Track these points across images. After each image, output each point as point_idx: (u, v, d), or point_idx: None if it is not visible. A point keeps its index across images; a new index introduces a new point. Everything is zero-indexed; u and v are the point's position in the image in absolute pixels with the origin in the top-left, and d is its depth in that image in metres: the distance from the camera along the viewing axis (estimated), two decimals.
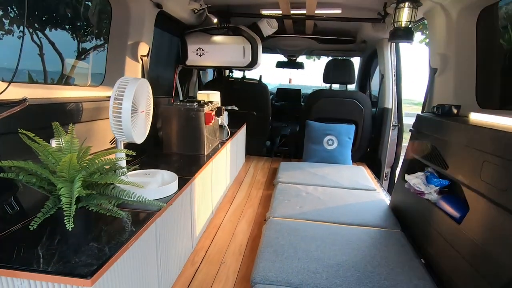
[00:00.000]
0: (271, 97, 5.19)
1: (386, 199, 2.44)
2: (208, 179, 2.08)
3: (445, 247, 1.53)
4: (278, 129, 4.21)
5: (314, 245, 1.69)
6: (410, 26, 2.22)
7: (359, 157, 3.60)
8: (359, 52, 4.35)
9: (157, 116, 2.22)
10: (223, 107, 2.45)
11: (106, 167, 1.14)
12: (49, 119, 1.34)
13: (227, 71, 4.54)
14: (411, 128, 2.12)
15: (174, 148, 2.19)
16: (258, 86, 3.61)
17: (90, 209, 0.94)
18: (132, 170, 1.55)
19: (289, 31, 3.86)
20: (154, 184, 1.47)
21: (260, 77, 3.61)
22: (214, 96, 2.70)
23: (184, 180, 1.65)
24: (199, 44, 3.05)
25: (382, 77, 3.46)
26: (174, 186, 1.49)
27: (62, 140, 0.98)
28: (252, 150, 3.77)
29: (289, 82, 5.31)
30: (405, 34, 2.23)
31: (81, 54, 3.07)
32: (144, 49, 2.27)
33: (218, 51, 3.07)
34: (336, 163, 3.22)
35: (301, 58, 5.29)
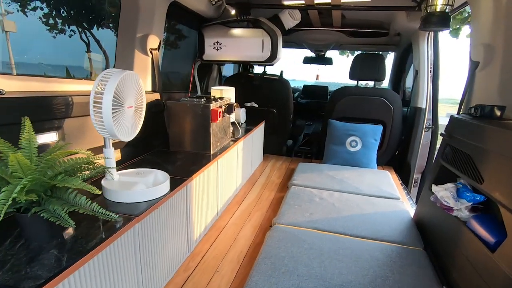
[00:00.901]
0: (296, 94, 4.99)
1: (410, 210, 2.18)
2: (213, 179, 1.97)
3: (472, 276, 1.29)
4: (301, 128, 4.00)
5: (318, 260, 1.51)
6: (447, 10, 1.92)
7: (386, 161, 3.31)
8: (394, 46, 4.01)
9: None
10: (236, 104, 2.32)
11: (80, 166, 1.05)
12: (35, 113, 1.29)
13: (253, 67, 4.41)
14: (443, 132, 1.85)
15: (180, 146, 2.10)
16: (279, 82, 3.43)
17: (41, 215, 0.85)
18: (122, 169, 1.47)
19: (315, 24, 3.63)
20: (142, 185, 1.37)
21: (281, 72, 3.43)
22: (228, 92, 2.57)
23: (179, 181, 1.54)
24: (216, 37, 2.94)
25: (416, 73, 3.14)
26: (163, 187, 1.38)
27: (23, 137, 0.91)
28: (271, 149, 3.61)
29: (316, 79, 5.06)
30: (440, 20, 1.93)
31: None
32: (154, 42, 2.19)
33: (236, 45, 2.94)
34: (358, 166, 2.97)
35: (330, 53, 5.02)
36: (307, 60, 4.78)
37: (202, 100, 2.05)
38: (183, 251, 1.63)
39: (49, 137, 1.35)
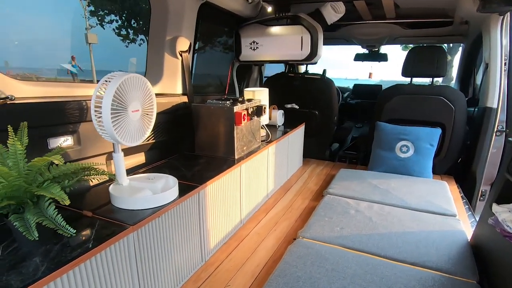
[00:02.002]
0: (346, 94, 4.67)
1: (469, 231, 1.83)
2: (236, 185, 1.87)
3: None
4: (347, 130, 3.70)
5: (339, 285, 1.32)
6: None
7: (446, 169, 2.87)
8: (461, 37, 3.48)
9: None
10: (273, 106, 2.20)
11: (73, 172, 1.04)
12: (49, 118, 1.34)
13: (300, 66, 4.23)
14: (510, 138, 1.49)
15: (205, 150, 2.05)
16: (321, 81, 3.21)
17: (14, 223, 0.84)
18: (144, 173, 1.46)
19: (365, 17, 3.32)
20: (148, 191, 1.33)
21: (324, 71, 3.20)
22: (261, 94, 2.46)
23: (191, 187, 1.48)
24: (253, 37, 2.85)
25: (486, 66, 2.66)
26: (168, 194, 1.33)
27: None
28: (313, 153, 3.39)
29: (369, 77, 4.65)
30: None
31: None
32: (183, 44, 2.18)
33: (273, 43, 2.81)
34: (410, 174, 2.61)
35: (386, 49, 4.59)
36: (358, 58, 4.42)
37: (227, 102, 1.98)
38: (195, 261, 1.56)
39: (63, 141, 1.39)
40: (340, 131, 3.58)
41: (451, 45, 8.49)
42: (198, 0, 2.20)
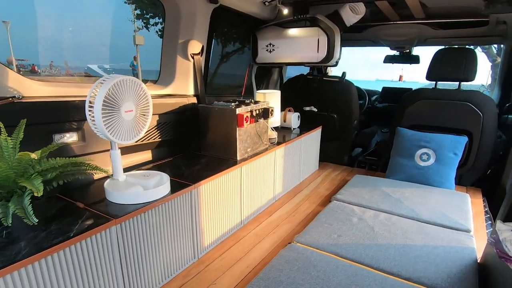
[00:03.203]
0: (374, 97, 4.49)
1: (481, 248, 1.68)
2: (236, 186, 1.90)
3: None
4: (369, 135, 3.55)
5: None
6: None
7: (473, 181, 2.66)
8: (500, 38, 3.19)
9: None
10: (272, 108, 2.20)
11: (60, 166, 1.13)
12: (54, 115, 1.46)
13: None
14: None
15: (209, 150, 2.10)
16: (340, 84, 3.12)
17: None
18: (148, 170, 1.54)
19: (392, 17, 3.17)
20: (139, 187, 1.40)
21: (344, 74, 3.11)
22: (271, 96, 2.46)
23: (184, 185, 1.53)
24: (270, 39, 2.86)
25: None
26: (157, 191, 1.39)
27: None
28: (331, 157, 3.31)
29: (400, 80, 4.41)
30: None
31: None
32: (195, 47, 2.26)
33: (289, 46, 2.80)
34: (429, 184, 2.45)
35: (419, 50, 4.35)
36: (388, 59, 4.23)
37: (232, 104, 2.01)
38: (187, 257, 1.61)
39: (68, 138, 1.51)
40: (362, 136, 3.45)
41: (501, 46, 7.77)
42: (211, 4, 2.26)
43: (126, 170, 1.60)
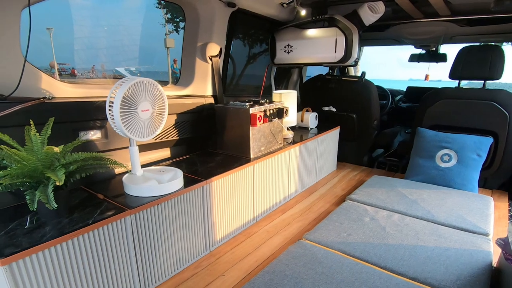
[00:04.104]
0: (398, 97, 4.38)
1: (497, 252, 1.62)
2: (248, 183, 1.96)
3: None
4: (389, 136, 3.48)
5: None
6: None
7: (500, 184, 2.54)
8: None
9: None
10: (286, 108, 2.24)
11: (82, 159, 1.25)
12: (80, 114, 1.60)
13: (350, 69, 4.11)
14: None
15: (224, 148, 2.18)
16: (359, 84, 3.09)
17: (25, 196, 1.07)
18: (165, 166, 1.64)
19: (414, 15, 3.10)
20: (154, 181, 1.50)
21: (363, 73, 3.07)
22: (287, 96, 2.50)
23: (196, 181, 1.62)
24: (288, 40, 2.90)
25: None
26: (170, 186, 1.48)
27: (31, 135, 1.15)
28: (350, 157, 3.29)
29: (426, 79, 4.26)
30: None
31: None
32: (213, 49, 2.35)
33: (307, 46, 2.82)
34: (449, 186, 2.38)
35: (447, 48, 4.19)
36: (413, 58, 4.10)
37: (247, 104, 2.07)
38: (199, 249, 1.69)
39: (92, 135, 1.64)
40: (382, 136, 3.39)
41: None
42: (229, 8, 2.34)
43: (145, 166, 1.71)
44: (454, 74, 2.60)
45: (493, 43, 3.00)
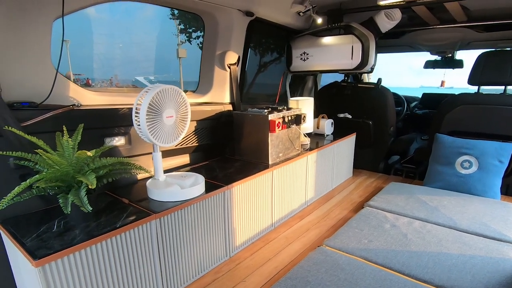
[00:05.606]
0: (413, 104, 4.34)
1: None
2: (267, 189, 1.97)
3: None
4: (406, 142, 3.44)
5: None
6: None
7: None
8: None
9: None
10: (304, 115, 2.25)
11: (110, 165, 1.29)
12: (105, 121, 1.65)
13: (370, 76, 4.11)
14: None
15: (242, 154, 2.20)
16: (375, 90, 3.08)
17: (58, 200, 1.10)
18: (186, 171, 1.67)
19: (431, 22, 3.09)
20: (176, 187, 1.53)
21: (379, 80, 3.06)
22: (304, 103, 2.51)
23: (217, 187, 1.64)
24: (304, 48, 2.93)
25: None
26: (192, 191, 1.51)
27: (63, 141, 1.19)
28: (366, 164, 3.26)
29: (441, 86, 4.22)
30: None
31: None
32: (232, 57, 2.39)
33: (323, 54, 2.85)
34: (470, 193, 2.34)
35: (464, 54, 4.15)
36: (428, 65, 4.08)
37: (265, 110, 2.10)
38: (219, 255, 1.70)
39: (117, 141, 1.69)
40: (399, 143, 3.35)
41: None
42: (247, 17, 2.38)
43: (166, 171, 1.75)
44: (473, 80, 2.57)
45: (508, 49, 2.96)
